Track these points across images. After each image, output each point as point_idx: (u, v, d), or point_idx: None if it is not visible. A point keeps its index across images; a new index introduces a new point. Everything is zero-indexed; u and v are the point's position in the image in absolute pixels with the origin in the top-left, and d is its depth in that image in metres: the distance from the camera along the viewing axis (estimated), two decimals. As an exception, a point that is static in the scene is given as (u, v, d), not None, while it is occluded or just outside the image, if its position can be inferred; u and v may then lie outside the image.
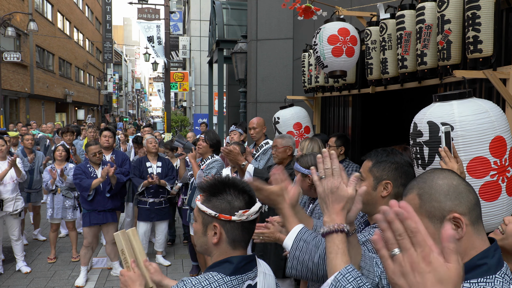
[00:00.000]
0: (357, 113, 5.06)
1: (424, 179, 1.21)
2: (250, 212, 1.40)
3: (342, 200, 1.24)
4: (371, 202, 1.75)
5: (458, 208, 1.13)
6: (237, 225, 1.40)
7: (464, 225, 1.12)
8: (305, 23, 5.79)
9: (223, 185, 1.43)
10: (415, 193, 1.20)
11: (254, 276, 1.44)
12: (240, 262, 1.40)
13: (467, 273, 1.11)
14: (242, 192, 1.43)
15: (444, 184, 1.16)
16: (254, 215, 1.43)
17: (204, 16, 22.51)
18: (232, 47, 8.30)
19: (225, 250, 1.42)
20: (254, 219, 1.45)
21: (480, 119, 1.98)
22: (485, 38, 2.32)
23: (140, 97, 74.04)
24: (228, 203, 1.40)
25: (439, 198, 1.15)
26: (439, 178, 1.18)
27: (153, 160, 5.57)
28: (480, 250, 1.14)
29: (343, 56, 3.37)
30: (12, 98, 20.21)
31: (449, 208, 1.13)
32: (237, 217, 1.39)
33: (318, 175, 1.30)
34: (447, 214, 1.13)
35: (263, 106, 6.54)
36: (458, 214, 1.13)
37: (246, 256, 1.44)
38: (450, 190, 1.15)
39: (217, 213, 1.39)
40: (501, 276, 1.10)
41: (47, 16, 24.67)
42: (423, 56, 2.79)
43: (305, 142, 3.51)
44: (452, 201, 1.14)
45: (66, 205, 5.69)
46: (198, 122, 16.95)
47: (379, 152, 1.80)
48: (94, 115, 36.41)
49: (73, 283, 5.14)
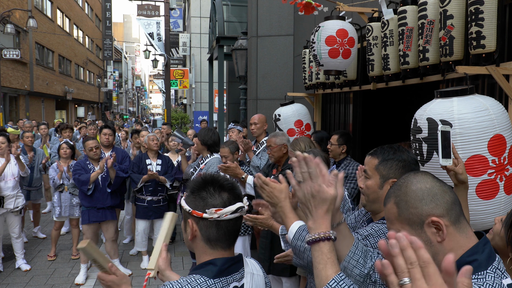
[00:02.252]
0: (358, 110, 5.04)
1: (399, 186, 1.21)
2: (223, 211, 1.33)
3: (325, 202, 1.20)
4: (377, 200, 1.72)
5: (435, 211, 1.13)
6: (210, 223, 1.35)
7: (444, 227, 1.12)
8: (306, 20, 5.76)
9: (203, 182, 1.39)
10: (392, 201, 1.20)
11: (241, 277, 1.40)
12: (224, 264, 1.35)
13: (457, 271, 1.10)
14: (221, 190, 1.37)
15: (417, 190, 1.16)
16: (230, 215, 1.34)
17: (204, 12, 22.45)
18: (233, 44, 8.27)
19: (203, 249, 1.38)
20: (234, 219, 1.37)
21: (480, 116, 1.96)
22: (488, 33, 2.29)
23: (140, 95, 73.98)
24: (202, 200, 1.36)
25: (415, 204, 1.15)
26: (412, 184, 1.18)
27: (153, 157, 5.55)
28: (467, 248, 1.13)
29: (339, 58, 3.37)
30: (12, 95, 20.18)
31: (426, 212, 1.13)
32: (208, 215, 1.33)
33: (296, 179, 1.26)
34: (425, 219, 1.13)
35: (263, 103, 6.51)
36: (436, 217, 1.12)
37: (231, 257, 1.39)
38: (424, 195, 1.15)
39: (190, 209, 1.36)
40: (492, 271, 1.09)
41: (47, 13, 24.61)
42: (425, 52, 2.76)
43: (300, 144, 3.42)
44: (428, 205, 1.13)
45: (73, 202, 5.68)
46: (199, 120, 16.91)
47: (385, 149, 1.76)
48: (94, 112, 36.41)
49: (73, 281, 5.13)
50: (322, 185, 1.20)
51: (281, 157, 3.87)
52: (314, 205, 1.21)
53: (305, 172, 1.23)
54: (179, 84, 19.57)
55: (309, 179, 1.22)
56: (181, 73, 19.64)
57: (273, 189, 1.58)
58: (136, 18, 15.10)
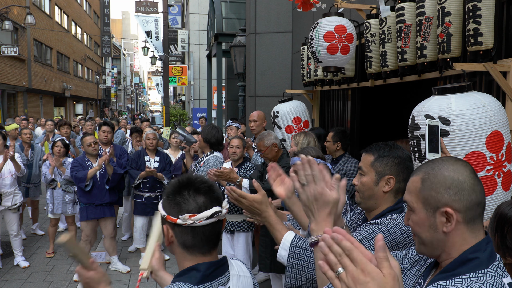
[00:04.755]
0: (356, 107, 5.04)
1: (433, 166, 1.19)
2: (198, 217, 1.25)
3: (328, 205, 1.22)
4: (373, 197, 1.73)
5: (454, 204, 1.12)
6: (185, 229, 1.28)
7: (454, 221, 1.11)
8: (304, 16, 5.75)
9: (178, 185, 1.32)
10: (420, 176, 1.19)
11: (226, 281, 1.35)
12: (208, 269, 1.30)
13: (458, 268, 1.11)
14: (196, 194, 1.30)
15: (448, 177, 1.14)
16: (205, 220, 1.27)
17: (202, 9, 22.42)
18: (231, 41, 8.26)
19: (182, 255, 1.32)
20: (211, 224, 1.29)
21: (477, 113, 1.96)
22: (486, 30, 2.30)
23: (139, 91, 73.89)
24: (176, 205, 1.28)
25: (439, 189, 1.14)
26: (447, 170, 1.15)
27: (151, 154, 5.55)
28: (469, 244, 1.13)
29: (338, 54, 3.37)
30: (10, 92, 20.13)
31: (445, 201, 1.13)
32: (181, 221, 1.26)
33: (300, 182, 1.26)
34: (441, 207, 1.13)
35: (262, 100, 6.52)
36: (452, 209, 1.12)
37: (214, 261, 1.34)
38: (452, 185, 1.13)
39: (165, 214, 1.30)
40: (493, 269, 1.09)
41: (45, 10, 24.52)
42: (423, 49, 2.76)
43: (300, 136, 3.47)
44: (450, 196, 1.12)
45: (66, 199, 5.66)
46: (197, 116, 16.92)
47: (380, 146, 1.77)
48: (93, 109, 36.34)
49: (71, 278, 5.13)
50: (325, 188, 1.22)
51: (274, 156, 3.86)
52: (317, 207, 1.22)
53: (308, 175, 1.24)
54: (178, 81, 19.54)
55: (312, 182, 1.23)
56: (180, 70, 19.60)
57: (251, 201, 1.58)
58: (135, 15, 15.05)
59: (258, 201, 1.59)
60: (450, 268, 1.14)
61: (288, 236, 1.55)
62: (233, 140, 4.25)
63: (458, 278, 1.08)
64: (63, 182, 5.61)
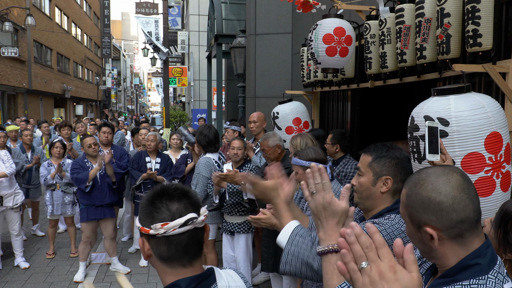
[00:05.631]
0: (356, 108, 5.05)
1: (416, 181, 1.16)
2: (170, 225, 1.18)
3: (336, 215, 1.21)
4: (370, 197, 1.73)
5: (434, 224, 1.10)
6: (159, 239, 1.20)
7: (436, 240, 1.10)
8: (304, 17, 5.76)
9: (152, 195, 1.25)
10: (405, 191, 1.18)
11: None
12: (189, 284, 1.22)
13: (459, 274, 1.10)
14: (169, 201, 1.22)
15: (426, 198, 1.11)
16: (179, 229, 1.19)
17: (202, 10, 22.44)
18: (231, 42, 8.27)
19: (162, 269, 1.25)
20: (187, 232, 1.21)
21: (476, 114, 1.97)
22: (485, 31, 2.30)
23: (139, 92, 73.86)
24: (149, 215, 1.21)
25: (418, 209, 1.12)
26: (425, 189, 1.12)
27: (152, 155, 5.54)
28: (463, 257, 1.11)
29: (337, 56, 3.39)
30: (10, 93, 20.14)
31: (424, 221, 1.11)
32: (154, 231, 1.19)
33: (310, 190, 1.26)
34: (422, 225, 1.11)
35: (262, 101, 6.52)
36: (432, 229, 1.10)
37: (197, 275, 1.25)
38: (430, 206, 1.10)
39: (139, 226, 1.23)
40: (493, 275, 1.08)
41: (45, 11, 24.54)
42: (422, 50, 2.77)
43: (296, 140, 3.45)
44: (428, 216, 1.10)
45: (65, 200, 5.67)
46: (197, 117, 16.93)
47: (378, 147, 1.78)
48: (93, 110, 36.34)
49: (71, 279, 5.14)
50: (334, 197, 1.21)
51: (277, 157, 3.87)
52: (325, 216, 1.22)
53: (318, 183, 1.24)
54: (178, 82, 19.56)
55: (322, 191, 1.23)
56: (180, 71, 19.62)
57: (264, 188, 1.60)
58: (135, 16, 15.06)
59: (270, 188, 1.59)
60: (449, 274, 1.12)
61: (292, 224, 1.55)
62: (234, 141, 4.24)
63: (458, 285, 1.07)
64: (62, 183, 5.61)
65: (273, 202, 1.59)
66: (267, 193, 1.57)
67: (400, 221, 1.66)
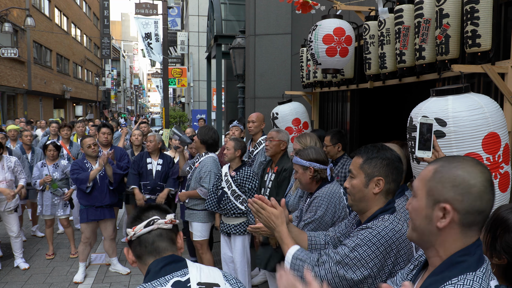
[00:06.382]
0: (355, 108, 5.05)
1: (450, 161, 1.18)
2: (138, 227, 1.45)
3: None
4: (363, 199, 1.74)
5: (455, 203, 1.11)
6: (135, 242, 1.47)
7: (449, 218, 1.12)
8: (303, 18, 5.77)
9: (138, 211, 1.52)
10: (434, 167, 1.19)
11: (183, 273, 1.42)
12: (157, 265, 1.42)
13: (447, 271, 1.12)
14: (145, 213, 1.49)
15: (460, 176, 1.13)
16: (144, 228, 1.45)
17: (202, 11, 22.43)
18: (230, 43, 8.28)
19: (142, 267, 1.48)
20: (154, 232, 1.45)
21: (474, 115, 1.97)
22: (484, 32, 2.31)
23: (139, 93, 73.86)
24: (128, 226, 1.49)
25: (446, 184, 1.13)
26: (462, 169, 1.14)
27: (154, 156, 5.52)
28: (458, 249, 1.13)
29: (337, 56, 3.39)
30: (10, 94, 20.13)
31: (447, 197, 1.12)
32: (129, 236, 1.47)
33: None
34: (442, 202, 1.13)
35: (261, 101, 6.52)
36: (451, 207, 1.11)
37: (163, 257, 1.44)
38: (461, 185, 1.12)
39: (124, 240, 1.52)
40: (481, 272, 1.10)
41: (44, 12, 24.53)
42: (421, 50, 2.77)
43: (306, 139, 3.46)
44: (455, 194, 1.11)
45: (55, 202, 5.65)
46: (197, 118, 16.92)
47: (369, 148, 1.78)
48: (92, 111, 36.33)
49: (71, 279, 5.13)
50: None
51: (277, 152, 3.90)
52: None
53: None
54: (177, 83, 19.56)
55: None
56: (179, 71, 19.62)
57: (270, 214, 1.72)
58: (134, 17, 15.07)
59: (276, 215, 1.73)
60: (438, 271, 1.14)
61: (291, 250, 1.69)
62: (229, 142, 4.30)
63: (449, 284, 1.08)
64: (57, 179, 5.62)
65: (276, 229, 1.73)
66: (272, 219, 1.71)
67: (394, 221, 1.67)
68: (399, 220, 1.70)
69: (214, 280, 1.44)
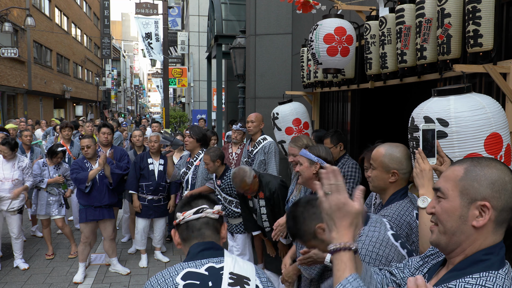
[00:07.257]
0: (356, 108, 5.04)
1: (479, 161, 1.18)
2: (187, 213, 1.56)
3: (350, 216, 1.21)
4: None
5: (493, 201, 1.12)
6: (183, 226, 1.58)
7: (487, 217, 1.11)
8: (304, 18, 5.76)
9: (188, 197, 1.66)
10: (464, 166, 1.18)
11: (219, 261, 1.49)
12: (197, 247, 1.52)
13: (470, 267, 1.12)
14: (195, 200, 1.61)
15: (495, 173, 1.14)
16: (193, 215, 1.56)
17: (202, 11, 22.43)
18: (231, 43, 8.26)
19: (185, 249, 1.59)
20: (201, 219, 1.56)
21: (476, 115, 1.96)
22: (486, 32, 2.29)
23: (139, 93, 73.87)
24: (178, 210, 1.61)
25: (483, 182, 1.13)
26: (495, 167, 1.16)
27: (155, 157, 5.50)
28: (483, 247, 1.14)
29: (338, 56, 3.37)
30: (10, 94, 20.13)
31: (485, 195, 1.12)
32: (178, 219, 1.59)
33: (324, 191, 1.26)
34: (479, 200, 1.13)
35: (262, 101, 6.51)
36: (490, 205, 1.12)
37: (204, 242, 1.54)
38: (497, 182, 1.13)
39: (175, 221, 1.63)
40: (504, 271, 1.10)
41: (45, 12, 24.53)
42: (422, 50, 2.76)
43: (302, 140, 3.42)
44: (492, 192, 1.12)
45: (50, 201, 5.65)
46: (197, 118, 16.92)
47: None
48: (93, 111, 36.33)
49: (71, 280, 5.12)
50: (348, 198, 1.21)
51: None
52: (339, 217, 1.21)
53: (332, 184, 1.23)
54: (178, 83, 19.56)
55: (336, 192, 1.22)
56: (180, 71, 19.63)
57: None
58: (134, 17, 15.06)
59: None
60: (460, 267, 1.14)
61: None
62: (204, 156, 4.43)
63: (469, 277, 1.09)
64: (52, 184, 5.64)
65: None
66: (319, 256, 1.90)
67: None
68: None
69: (246, 273, 1.48)
